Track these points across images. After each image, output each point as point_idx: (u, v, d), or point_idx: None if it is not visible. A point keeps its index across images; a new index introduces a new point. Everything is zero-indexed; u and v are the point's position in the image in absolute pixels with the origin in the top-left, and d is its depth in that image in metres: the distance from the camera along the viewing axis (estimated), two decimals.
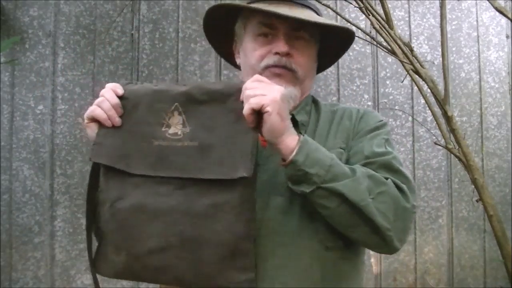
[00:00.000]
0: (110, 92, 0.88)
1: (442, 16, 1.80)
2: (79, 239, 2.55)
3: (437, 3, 2.57)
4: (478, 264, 2.74)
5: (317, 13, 1.01)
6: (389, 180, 0.86)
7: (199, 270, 0.79)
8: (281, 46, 0.94)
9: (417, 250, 2.70)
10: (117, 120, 0.87)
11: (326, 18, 1.04)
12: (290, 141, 0.82)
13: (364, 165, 0.89)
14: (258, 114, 0.78)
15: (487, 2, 1.82)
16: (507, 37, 2.82)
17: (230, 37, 1.06)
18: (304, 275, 0.88)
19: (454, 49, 2.78)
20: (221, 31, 1.05)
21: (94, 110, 0.88)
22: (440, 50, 2.11)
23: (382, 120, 1.01)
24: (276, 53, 0.94)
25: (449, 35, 2.72)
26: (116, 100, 0.87)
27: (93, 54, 2.62)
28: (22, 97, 2.57)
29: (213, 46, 1.13)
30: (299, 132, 0.95)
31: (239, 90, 0.81)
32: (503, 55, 2.81)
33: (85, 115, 0.90)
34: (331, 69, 2.71)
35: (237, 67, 1.08)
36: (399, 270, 2.68)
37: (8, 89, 2.56)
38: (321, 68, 1.11)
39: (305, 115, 1.01)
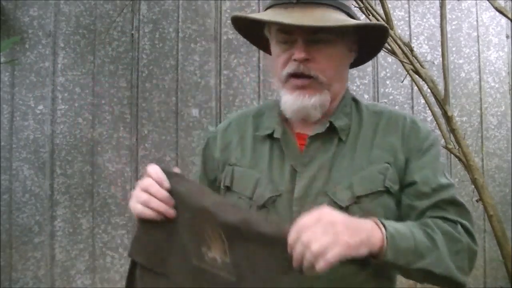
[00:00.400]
0: (156, 187, 0.82)
1: (442, 16, 1.80)
2: (79, 239, 2.55)
3: (437, 3, 2.57)
4: (478, 264, 2.74)
5: (342, 9, 0.95)
6: (459, 228, 0.90)
7: None
8: (298, 53, 0.90)
9: None
10: (171, 212, 0.82)
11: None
12: (375, 241, 0.78)
13: (435, 204, 0.91)
14: None
15: (487, 2, 1.82)
16: (507, 37, 2.82)
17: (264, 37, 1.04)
18: (341, 285, 0.88)
19: (454, 49, 2.77)
20: (253, 29, 1.03)
21: (143, 211, 0.82)
22: (440, 50, 2.11)
23: (431, 131, 0.99)
24: (295, 60, 0.91)
25: (449, 35, 2.71)
26: (165, 194, 0.82)
27: (93, 54, 2.62)
28: (22, 97, 2.57)
29: (249, 40, 1.10)
30: (339, 138, 0.94)
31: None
32: (503, 55, 2.81)
33: (134, 212, 0.84)
34: None
35: None
36: None
37: (8, 89, 2.56)
38: (364, 59, 1.07)
39: (345, 117, 0.97)
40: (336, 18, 0.92)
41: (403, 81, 2.48)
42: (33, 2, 2.60)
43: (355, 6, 1.89)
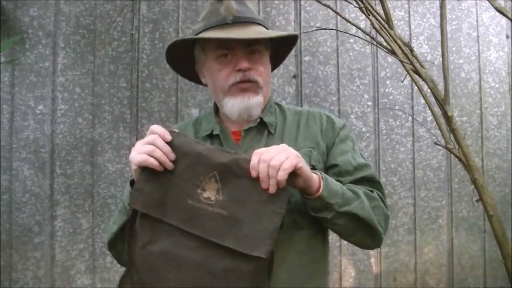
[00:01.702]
0: (160, 141, 0.93)
1: (442, 16, 1.80)
2: (79, 239, 2.55)
3: (437, 3, 2.57)
4: (478, 264, 2.74)
5: (264, 26, 1.14)
6: (375, 193, 1.08)
7: None
8: (242, 64, 1.07)
9: (417, 250, 2.70)
10: (171, 166, 0.93)
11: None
12: (315, 180, 0.96)
13: (357, 180, 1.10)
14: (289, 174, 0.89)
15: (487, 2, 1.82)
16: (507, 37, 2.82)
17: (191, 60, 1.19)
18: (281, 251, 0.99)
19: (454, 49, 2.78)
20: (182, 56, 1.18)
21: (146, 160, 0.92)
22: (440, 50, 2.11)
23: (345, 124, 1.20)
24: (239, 70, 1.08)
25: (449, 35, 2.72)
26: (168, 148, 0.93)
27: (93, 54, 2.62)
28: (22, 97, 2.57)
29: (177, 71, 1.26)
30: (269, 131, 1.13)
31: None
32: (503, 55, 2.81)
33: (135, 163, 0.94)
34: (331, 69, 2.72)
35: (201, 83, 1.22)
36: (399, 270, 2.68)
37: (8, 89, 2.56)
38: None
39: (271, 116, 1.16)
40: (266, 31, 1.12)
41: (403, 81, 2.49)
42: (33, 2, 2.60)
43: (355, 6, 1.89)
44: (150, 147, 0.92)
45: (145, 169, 0.93)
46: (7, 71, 2.56)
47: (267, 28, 1.16)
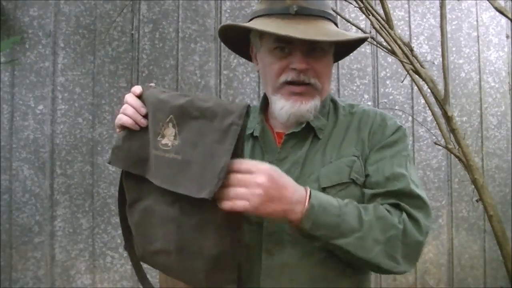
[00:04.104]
0: (131, 96, 0.92)
1: (442, 16, 1.80)
2: (79, 239, 2.55)
3: (437, 3, 2.57)
4: (478, 264, 2.74)
5: (333, 20, 1.00)
6: (403, 216, 0.90)
7: (194, 275, 0.87)
8: (298, 63, 0.95)
9: None
10: (143, 121, 0.90)
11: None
12: (297, 210, 0.83)
13: (386, 192, 0.94)
14: None
15: (487, 2, 1.82)
16: (507, 37, 2.82)
17: (247, 41, 1.07)
18: (307, 274, 0.94)
19: (454, 49, 2.77)
20: (237, 37, 1.06)
21: (121, 118, 0.92)
22: (440, 50, 2.11)
23: (400, 128, 1.02)
24: (294, 69, 0.95)
25: (449, 35, 2.71)
26: (138, 103, 0.90)
27: (93, 54, 2.62)
28: (22, 97, 2.57)
29: (232, 49, 1.13)
30: (315, 135, 0.99)
31: (228, 111, 0.82)
32: (503, 55, 2.81)
33: (115, 125, 0.94)
34: None
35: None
36: None
37: (8, 89, 2.56)
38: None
39: (322, 118, 1.02)
40: (334, 31, 0.97)
41: (403, 81, 2.49)
42: (33, 2, 2.60)
43: (355, 6, 1.89)
44: (124, 106, 0.91)
45: (125, 128, 0.92)
46: (7, 71, 2.56)
47: (336, 24, 1.01)
